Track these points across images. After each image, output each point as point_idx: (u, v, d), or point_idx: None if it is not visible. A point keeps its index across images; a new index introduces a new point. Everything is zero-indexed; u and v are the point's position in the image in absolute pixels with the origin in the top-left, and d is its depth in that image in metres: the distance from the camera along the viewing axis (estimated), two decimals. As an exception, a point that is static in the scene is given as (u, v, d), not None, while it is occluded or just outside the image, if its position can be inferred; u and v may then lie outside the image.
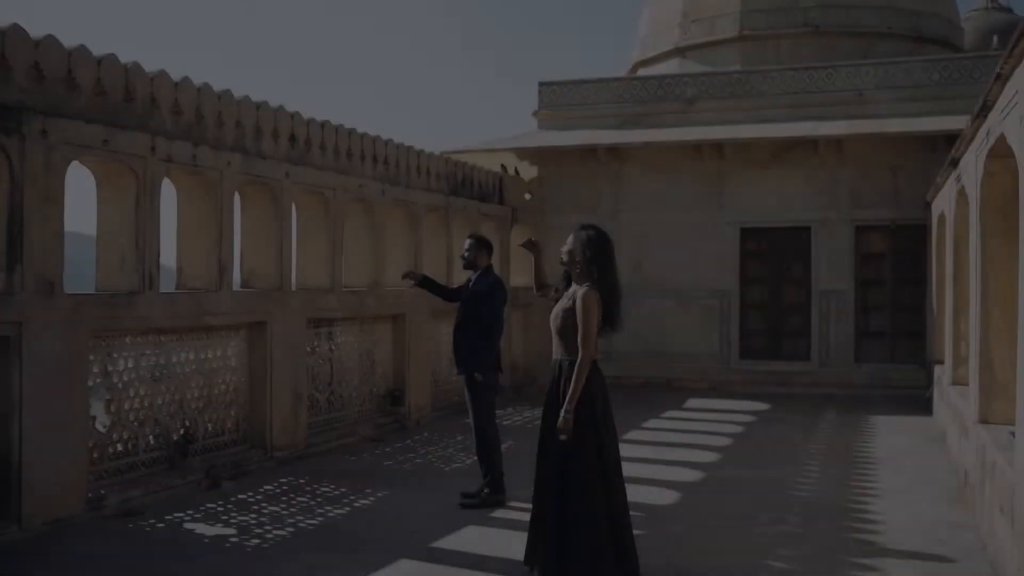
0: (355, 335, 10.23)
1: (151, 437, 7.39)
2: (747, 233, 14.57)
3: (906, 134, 13.11)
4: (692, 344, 14.66)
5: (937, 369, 11.29)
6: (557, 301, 5.28)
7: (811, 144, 13.91)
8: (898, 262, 14.02)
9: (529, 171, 15.51)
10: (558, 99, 15.67)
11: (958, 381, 9.20)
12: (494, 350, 7.11)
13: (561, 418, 4.93)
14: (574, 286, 5.16)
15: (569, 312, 5.06)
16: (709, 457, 8.93)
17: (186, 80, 7.68)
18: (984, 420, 6.70)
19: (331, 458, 8.94)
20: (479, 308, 7.09)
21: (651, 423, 11.04)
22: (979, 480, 6.34)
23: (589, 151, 14.96)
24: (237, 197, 8.40)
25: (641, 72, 17.25)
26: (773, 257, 14.53)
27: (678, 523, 6.42)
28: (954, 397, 8.73)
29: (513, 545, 5.83)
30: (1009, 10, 28.26)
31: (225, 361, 8.22)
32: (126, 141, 6.89)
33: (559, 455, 4.98)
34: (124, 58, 7.08)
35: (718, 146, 14.26)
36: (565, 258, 5.21)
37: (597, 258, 5.08)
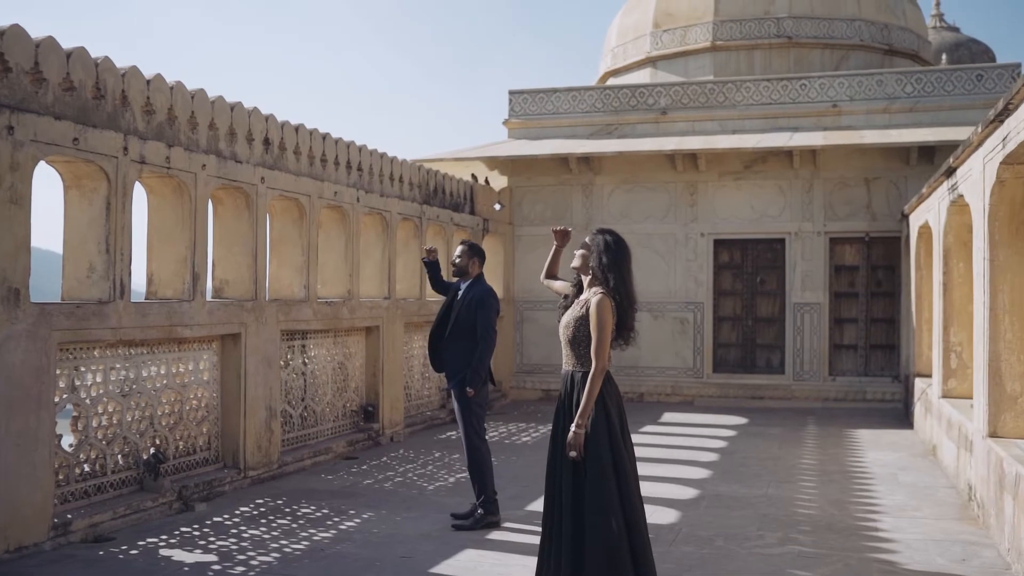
0: (328, 348, 9.82)
1: (120, 457, 6.92)
2: (720, 244, 14.42)
3: (882, 146, 13.05)
4: (665, 357, 14.44)
5: (919, 382, 11.17)
6: (567, 309, 4.98)
7: (785, 155, 13.81)
8: (871, 274, 13.95)
9: (499, 181, 15.22)
10: (529, 108, 15.42)
11: (948, 394, 9.07)
12: (487, 362, 6.78)
13: (571, 433, 4.63)
14: (586, 293, 4.87)
15: (581, 321, 4.76)
16: (699, 473, 8.67)
17: (158, 78, 7.27)
18: (994, 434, 6.52)
19: (307, 477, 8.53)
20: (472, 318, 6.75)
21: (632, 438, 10.73)
22: (994, 496, 6.15)
23: (561, 161, 14.72)
24: (209, 203, 7.98)
25: (611, 82, 17.07)
26: (747, 269, 14.39)
27: (686, 543, 6.13)
28: (947, 410, 8.58)
29: (516, 570, 5.53)
30: (956, 29, 28.72)
31: (197, 375, 7.78)
32: (97, 140, 6.45)
33: (572, 472, 4.68)
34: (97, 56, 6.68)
35: (692, 156, 14.09)
36: (578, 262, 4.91)
37: (614, 265, 4.79)
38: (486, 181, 14.67)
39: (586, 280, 4.90)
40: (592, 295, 4.76)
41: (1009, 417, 6.48)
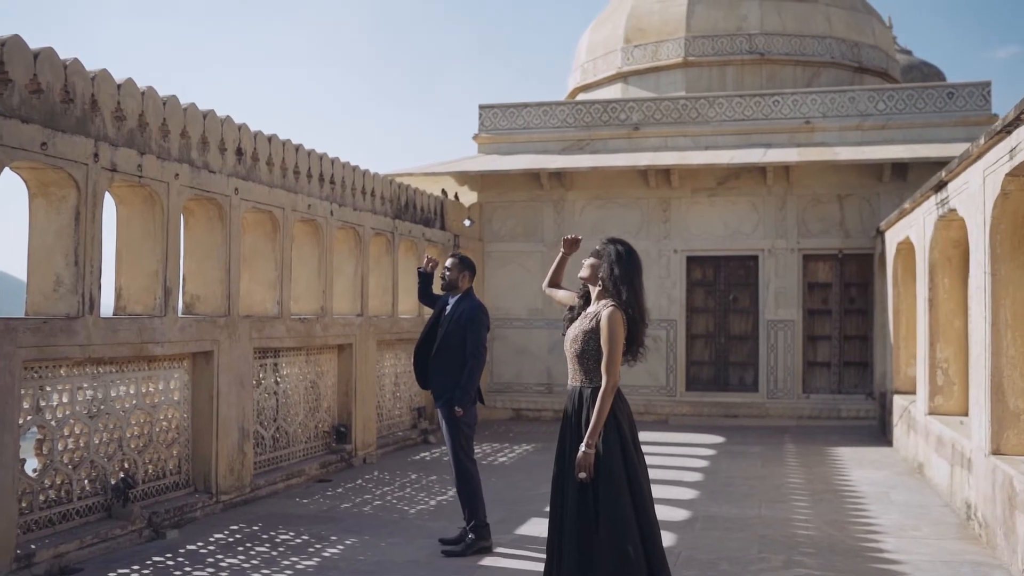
0: (300, 366, 9.46)
1: (87, 482, 6.52)
2: (693, 261, 14.28)
3: (856, 162, 13.02)
4: (637, 375, 14.18)
5: (899, 399, 11.09)
6: (572, 321, 4.74)
7: (758, 172, 13.73)
8: (844, 291, 13.90)
9: (469, 196, 14.95)
10: (499, 123, 15.20)
11: (935, 411, 8.96)
12: (477, 380, 6.51)
13: (581, 452, 4.38)
14: (595, 305, 4.63)
15: (590, 334, 4.53)
16: (687, 494, 8.45)
17: (129, 82, 6.93)
18: (997, 451, 6.37)
19: (280, 501, 8.16)
20: (461, 334, 6.47)
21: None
22: (1002, 515, 5.99)
23: (532, 176, 14.50)
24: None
25: (581, 97, 16.91)
26: (720, 286, 14.27)
27: (688, 567, 5.89)
28: (936, 428, 8.46)
29: (520, 599, 5.24)
30: (908, 52, 29.16)
31: (168, 395, 7.39)
32: (67, 146, 6.09)
33: (580, 492, 4.43)
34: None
35: (665, 172, 13.95)
36: (587, 273, 4.68)
37: (626, 277, 4.56)
38: (456, 197, 14.41)
39: (594, 291, 4.68)
40: (602, 307, 4.53)
41: (1012, 434, 6.34)
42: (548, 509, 7.52)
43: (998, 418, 6.38)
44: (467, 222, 14.42)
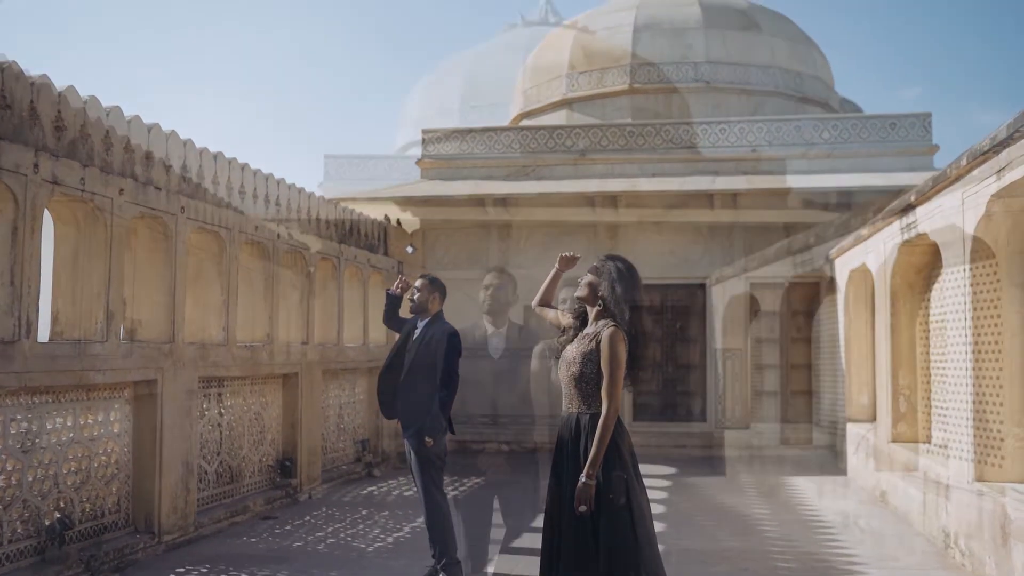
0: (245, 397, 8.94)
1: (19, 523, 5.94)
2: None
3: (803, 190, 13.05)
4: (585, 405, 13.92)
5: (853, 427, 11.01)
6: (568, 343, 4.47)
7: (706, 199, 13.66)
8: (791, 319, 13.87)
9: (412, 222, 14.58)
10: (442, 148, 14.89)
11: (898, 438, 8.87)
12: (449, 410, 6.15)
13: (581, 484, 4.10)
14: (593, 326, 4.36)
15: (589, 356, 4.26)
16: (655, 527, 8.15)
17: (70, 90, 6.44)
18: (980, 478, 6.24)
19: (226, 540, 7.63)
20: (431, 360, 6.13)
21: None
22: (992, 543, 5.83)
23: (476, 202, 14.21)
24: (121, 233, 7.11)
25: (525, 123, 16.71)
26: (667, 315, 14.13)
27: (678, 606, 5.59)
28: (904, 455, 8.36)
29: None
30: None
31: (107, 427, 6.84)
32: (3, 154, 5.58)
33: (577, 526, 4.14)
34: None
35: (612, 199, 13.79)
36: (584, 292, 4.41)
37: (628, 295, 4.31)
38: (398, 223, 14.02)
39: (592, 311, 4.40)
40: (603, 328, 4.26)
41: (996, 460, 6.21)
42: (516, 545, 7.22)
43: (982, 444, 6.26)
44: (409, 249, 14.02)
